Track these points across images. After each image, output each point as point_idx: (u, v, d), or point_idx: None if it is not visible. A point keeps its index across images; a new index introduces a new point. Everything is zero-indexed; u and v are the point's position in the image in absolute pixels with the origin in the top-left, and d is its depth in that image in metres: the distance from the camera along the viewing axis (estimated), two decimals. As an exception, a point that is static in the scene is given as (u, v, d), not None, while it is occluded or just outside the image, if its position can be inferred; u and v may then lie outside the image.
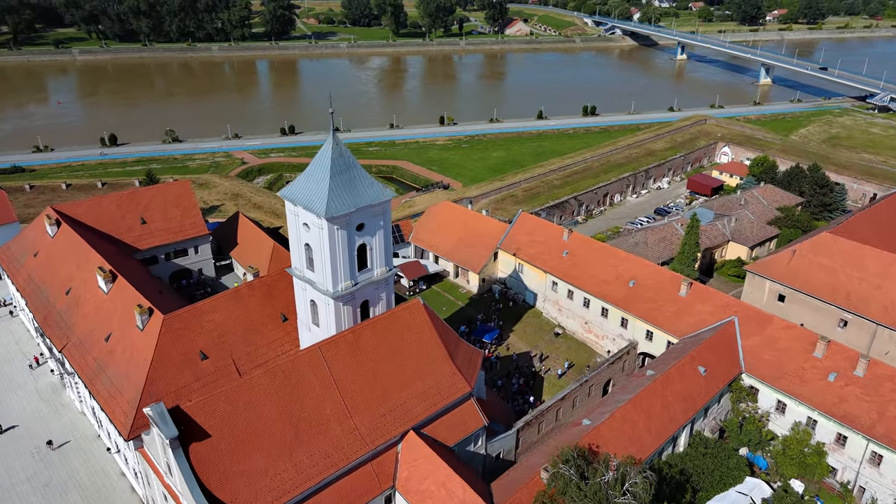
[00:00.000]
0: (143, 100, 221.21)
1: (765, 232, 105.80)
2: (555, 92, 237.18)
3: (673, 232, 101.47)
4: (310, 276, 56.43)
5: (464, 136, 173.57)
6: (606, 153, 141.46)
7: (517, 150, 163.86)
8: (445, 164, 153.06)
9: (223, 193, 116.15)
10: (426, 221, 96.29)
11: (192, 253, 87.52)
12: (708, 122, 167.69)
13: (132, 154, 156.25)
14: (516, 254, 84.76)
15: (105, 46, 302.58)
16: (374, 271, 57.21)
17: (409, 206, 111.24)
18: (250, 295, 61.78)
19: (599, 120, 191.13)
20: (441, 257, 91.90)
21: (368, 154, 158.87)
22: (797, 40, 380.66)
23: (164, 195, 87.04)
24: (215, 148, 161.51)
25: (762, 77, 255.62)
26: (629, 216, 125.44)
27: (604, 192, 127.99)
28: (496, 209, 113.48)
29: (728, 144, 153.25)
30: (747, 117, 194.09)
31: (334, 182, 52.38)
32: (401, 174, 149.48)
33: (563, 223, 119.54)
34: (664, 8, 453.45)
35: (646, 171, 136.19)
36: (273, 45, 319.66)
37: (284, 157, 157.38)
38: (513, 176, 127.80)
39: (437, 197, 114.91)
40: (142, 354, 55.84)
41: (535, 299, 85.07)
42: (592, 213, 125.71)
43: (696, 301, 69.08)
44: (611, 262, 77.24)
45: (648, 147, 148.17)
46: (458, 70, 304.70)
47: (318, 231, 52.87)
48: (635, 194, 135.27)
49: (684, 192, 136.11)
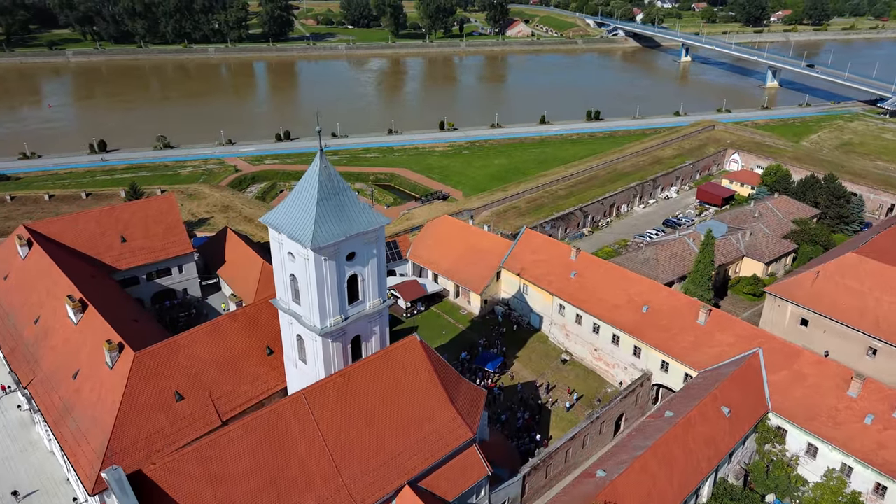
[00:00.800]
0: (137, 103, 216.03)
1: (781, 247, 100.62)
2: (557, 95, 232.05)
3: (685, 248, 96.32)
4: (296, 309, 51.31)
5: (464, 142, 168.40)
6: (612, 161, 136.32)
7: (519, 156, 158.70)
8: (445, 171, 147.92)
9: (213, 205, 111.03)
10: (425, 237, 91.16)
11: (175, 272, 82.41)
12: (716, 127, 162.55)
13: (121, 161, 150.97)
14: (520, 274, 79.64)
15: (100, 48, 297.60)
16: (367, 304, 52.08)
17: (406, 219, 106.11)
18: (232, 327, 56.65)
19: (604, 125, 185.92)
20: (440, 276, 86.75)
21: (366, 161, 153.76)
22: (802, 42, 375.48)
23: (147, 211, 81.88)
24: (208, 154, 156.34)
25: (769, 80, 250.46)
26: (637, 228, 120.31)
27: (610, 202, 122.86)
28: (498, 221, 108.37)
29: (738, 151, 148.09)
30: (755, 122, 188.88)
31: (322, 208, 47.23)
32: (399, 182, 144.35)
33: (569, 236, 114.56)
34: (667, 9, 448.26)
35: (653, 179, 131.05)
36: (270, 47, 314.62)
37: (279, 163, 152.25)
38: (515, 186, 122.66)
39: (437, 209, 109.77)
40: (110, 396, 50.72)
41: (541, 322, 79.93)
42: (598, 224, 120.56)
43: (715, 330, 63.93)
44: (622, 285, 72.05)
45: (656, 154, 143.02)
46: (459, 72, 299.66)
47: (303, 262, 47.75)
48: (642, 204, 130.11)
49: (694, 202, 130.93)
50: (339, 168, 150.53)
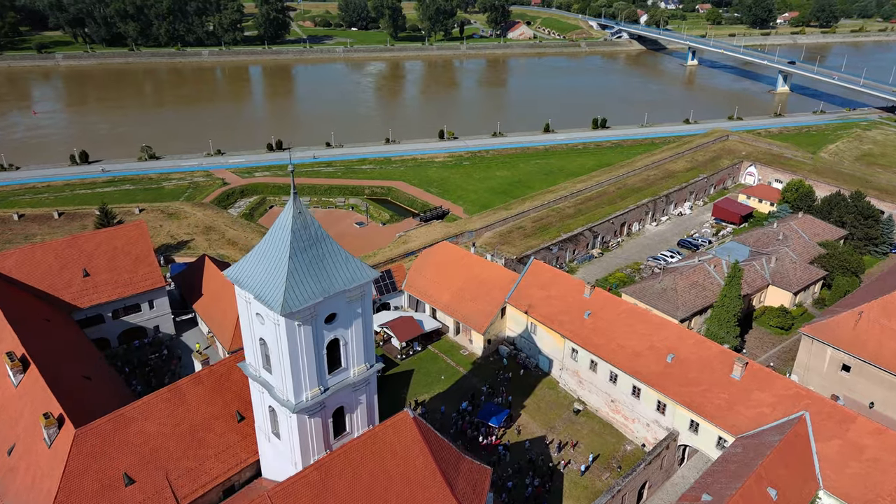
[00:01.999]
0: (126, 109, 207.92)
1: (809, 274, 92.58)
2: (561, 101, 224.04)
3: (705, 276, 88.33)
4: (267, 377, 43.40)
5: (465, 153, 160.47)
6: (622, 176, 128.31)
7: (523, 168, 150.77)
8: (445, 185, 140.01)
9: (194, 226, 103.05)
10: (422, 266, 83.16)
11: (146, 308, 74.48)
12: (730, 137, 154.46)
13: (104, 173, 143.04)
14: (528, 312, 71.62)
15: (90, 51, 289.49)
16: (350, 371, 44.13)
17: (402, 242, 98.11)
18: (194, 392, 48.67)
19: (611, 133, 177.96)
20: (439, 310, 78.74)
21: (362, 173, 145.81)
22: (810, 44, 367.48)
23: (114, 241, 73.91)
24: (195, 166, 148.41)
25: (779, 85, 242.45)
26: (650, 248, 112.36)
27: (621, 221, 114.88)
28: (502, 244, 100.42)
29: (754, 164, 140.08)
30: (769, 130, 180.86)
31: (295, 263, 39.28)
32: (396, 196, 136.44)
33: (577, 258, 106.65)
34: (671, 10, 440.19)
35: (666, 196, 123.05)
36: (266, 50, 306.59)
37: (270, 176, 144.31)
38: (520, 203, 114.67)
39: (435, 231, 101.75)
40: (47, 481, 42.81)
41: (551, 366, 71.93)
42: (609, 245, 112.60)
43: (753, 386, 55.93)
44: (643, 329, 64.05)
45: (667, 168, 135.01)
46: (459, 76, 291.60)
47: (274, 327, 39.83)
48: (655, 222, 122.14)
49: (709, 220, 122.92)
50: (334, 181, 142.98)
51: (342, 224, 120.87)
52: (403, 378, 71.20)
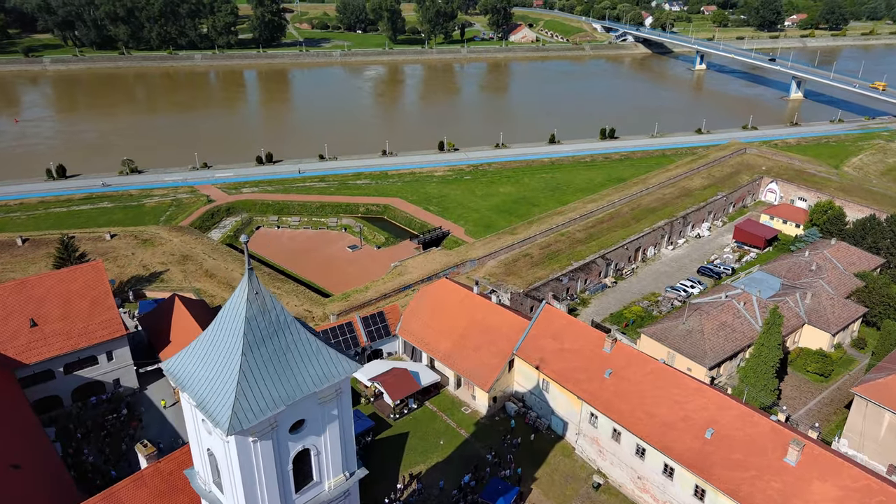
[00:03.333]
0: (115, 117, 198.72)
1: (848, 311, 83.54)
2: (566, 108, 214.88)
3: (735, 315, 79.30)
4: (218, 496, 34.30)
5: (466, 166, 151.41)
6: (636, 195, 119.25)
7: (528, 183, 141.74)
8: (445, 202, 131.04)
9: (169, 254, 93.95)
10: (418, 307, 74.10)
11: (104, 360, 65.42)
12: (748, 151, 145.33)
13: (81, 189, 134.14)
14: (539, 367, 62.57)
15: (79, 55, 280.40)
16: (325, 484, 35.09)
17: (398, 274, 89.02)
18: (136, 497, 39.54)
19: (619, 144, 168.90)
20: (437, 360, 69.71)
21: (357, 189, 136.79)
22: (820, 47, 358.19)
23: (67, 284, 64.96)
24: (179, 181, 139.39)
25: (793, 91, 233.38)
26: (667, 276, 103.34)
27: (635, 245, 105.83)
28: (507, 274, 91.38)
29: (775, 180, 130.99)
30: (786, 141, 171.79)
31: (250, 362, 30.26)
32: (393, 215, 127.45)
33: (589, 288, 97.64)
34: (675, 12, 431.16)
35: (683, 217, 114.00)
36: (261, 54, 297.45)
37: (259, 192, 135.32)
38: (526, 227, 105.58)
39: (434, 261, 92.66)
40: None
41: (566, 429, 62.90)
42: (623, 272, 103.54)
43: (812, 474, 46.89)
44: (675, 395, 54.99)
45: (683, 185, 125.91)
46: (460, 81, 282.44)
47: (222, 443, 30.78)
48: (671, 245, 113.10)
49: (730, 243, 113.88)
50: (326, 198, 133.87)
51: (334, 247, 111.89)
52: (397, 443, 62.20)
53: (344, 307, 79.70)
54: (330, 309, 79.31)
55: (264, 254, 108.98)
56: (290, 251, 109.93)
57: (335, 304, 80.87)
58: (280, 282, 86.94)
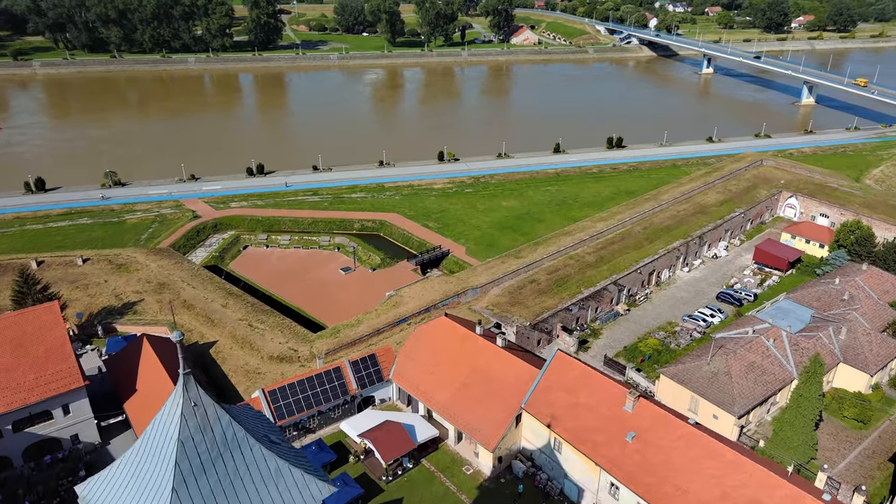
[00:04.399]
0: (102, 123, 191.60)
1: (887, 349, 76.10)
2: (571, 114, 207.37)
3: (764, 354, 71.94)
4: None
5: (467, 178, 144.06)
6: (648, 212, 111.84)
7: (532, 197, 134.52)
8: (445, 217, 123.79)
9: (145, 281, 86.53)
10: (414, 349, 66.68)
11: (59, 414, 58.05)
12: (765, 163, 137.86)
13: (60, 204, 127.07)
14: (551, 426, 55.16)
15: (70, 58, 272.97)
16: None
17: (393, 305, 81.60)
18: None
19: (628, 154, 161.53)
20: (435, 411, 62.30)
21: (352, 204, 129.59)
22: (829, 50, 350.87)
23: (19, 327, 57.68)
24: (164, 195, 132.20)
25: (804, 96, 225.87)
26: (684, 302, 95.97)
27: (649, 269, 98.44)
28: (512, 303, 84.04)
29: (795, 195, 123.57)
30: (801, 150, 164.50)
31: (184, 497, 22.81)
32: (390, 232, 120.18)
33: (600, 316, 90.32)
34: (679, 14, 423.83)
35: (699, 236, 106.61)
36: (256, 57, 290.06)
37: (248, 206, 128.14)
38: (532, 250, 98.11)
39: (433, 289, 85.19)
40: None
41: (581, 496, 55.49)
42: (636, 298, 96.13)
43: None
44: (710, 468, 47.56)
45: (698, 201, 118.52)
46: (461, 85, 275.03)
47: None
48: (687, 267, 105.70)
49: (750, 265, 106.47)
50: (319, 214, 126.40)
51: (326, 269, 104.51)
52: (389, 510, 54.88)
53: (333, 345, 72.37)
54: (318, 347, 71.97)
55: (251, 276, 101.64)
56: (278, 274, 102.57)
57: (324, 341, 73.52)
58: (264, 314, 79.52)
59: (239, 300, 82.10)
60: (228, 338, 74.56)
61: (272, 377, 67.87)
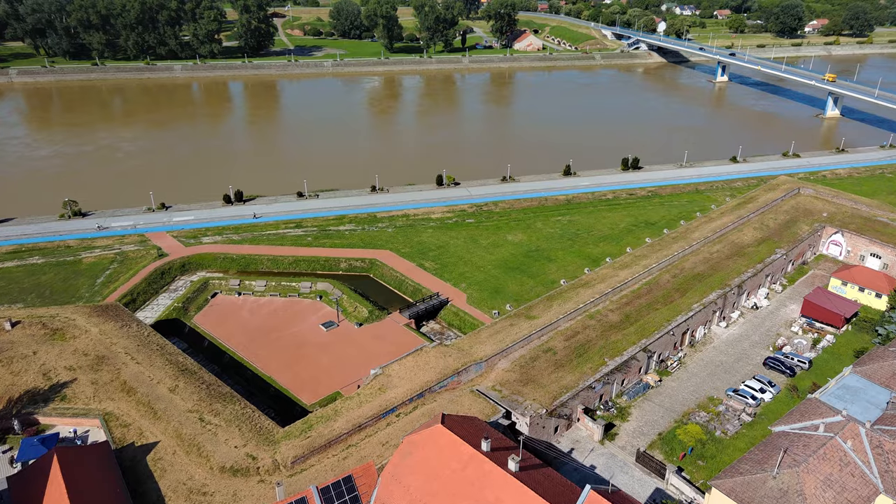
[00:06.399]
0: (77, 139, 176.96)
1: None
2: (580, 128, 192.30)
3: (842, 462, 57.23)
4: None
5: (468, 206, 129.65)
6: (676, 256, 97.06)
7: (541, 229, 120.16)
8: (443, 255, 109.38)
9: (82, 354, 71.73)
10: (401, 470, 51.93)
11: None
12: (802, 191, 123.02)
13: (10, 240, 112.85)
14: None
15: (50, 66, 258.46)
16: None
17: (379, 389, 66.76)
18: None
19: (645, 177, 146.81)
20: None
21: (339, 238, 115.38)
22: (846, 56, 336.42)
23: None
24: (128, 228, 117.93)
25: (829, 108, 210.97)
26: (725, 368, 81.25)
27: (683, 328, 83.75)
28: (525, 382, 69.43)
29: (840, 231, 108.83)
30: (836, 172, 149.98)
31: None
32: (380, 274, 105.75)
33: (628, 391, 75.70)
34: (687, 17, 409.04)
35: (739, 285, 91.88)
36: (246, 64, 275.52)
37: (221, 242, 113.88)
38: (545, 307, 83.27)
39: (427, 367, 70.40)
40: None
41: None
42: (667, 364, 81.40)
43: None
44: None
45: (732, 240, 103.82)
46: (461, 95, 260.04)
47: None
48: (724, 321, 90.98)
49: (797, 319, 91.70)
50: (301, 251, 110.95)
51: (305, 324, 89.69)
52: None
53: (302, 449, 57.76)
54: (282, 454, 57.31)
55: (217, 334, 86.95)
56: (249, 331, 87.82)
57: (291, 443, 58.83)
58: (221, 402, 64.65)
59: (192, 380, 67.38)
60: (173, 437, 59.88)
61: (221, 500, 53.20)
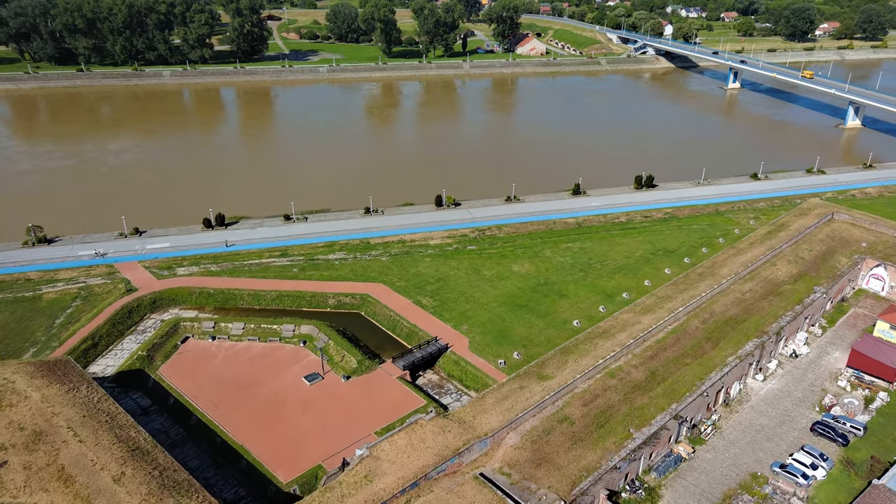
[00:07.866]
0: (59, 153, 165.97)
1: None
2: (588, 139, 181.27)
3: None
4: None
5: (470, 230, 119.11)
6: (705, 297, 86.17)
7: (550, 258, 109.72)
8: (443, 290, 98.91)
9: (17, 428, 60.87)
10: None
11: None
12: (836, 216, 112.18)
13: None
14: None
15: (34, 72, 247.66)
16: None
17: (365, 477, 55.77)
18: None
19: (660, 197, 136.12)
20: None
21: (328, 270, 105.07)
22: (860, 61, 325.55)
23: None
24: (95, 258, 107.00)
25: (850, 118, 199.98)
26: (766, 436, 70.59)
27: (717, 387, 72.96)
28: (538, 462, 58.70)
29: (883, 264, 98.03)
30: (865, 191, 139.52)
31: None
32: (372, 312, 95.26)
33: (656, 467, 64.83)
34: (694, 20, 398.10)
35: (777, 332, 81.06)
36: (238, 70, 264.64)
37: (198, 273, 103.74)
38: (559, 364, 72.43)
39: (423, 447, 59.54)
40: None
41: None
42: (701, 430, 70.63)
43: None
44: None
45: (766, 276, 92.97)
46: (462, 103, 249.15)
47: None
48: (760, 372, 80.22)
49: (842, 369, 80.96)
50: (285, 286, 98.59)
51: (286, 377, 78.86)
52: None
53: (268, 565, 46.88)
54: (243, 572, 46.44)
55: (185, 389, 76.17)
56: (222, 384, 77.07)
57: (254, 555, 47.95)
58: (176, 494, 53.73)
59: (143, 464, 56.57)
60: (112, 546, 49.01)
61: None
